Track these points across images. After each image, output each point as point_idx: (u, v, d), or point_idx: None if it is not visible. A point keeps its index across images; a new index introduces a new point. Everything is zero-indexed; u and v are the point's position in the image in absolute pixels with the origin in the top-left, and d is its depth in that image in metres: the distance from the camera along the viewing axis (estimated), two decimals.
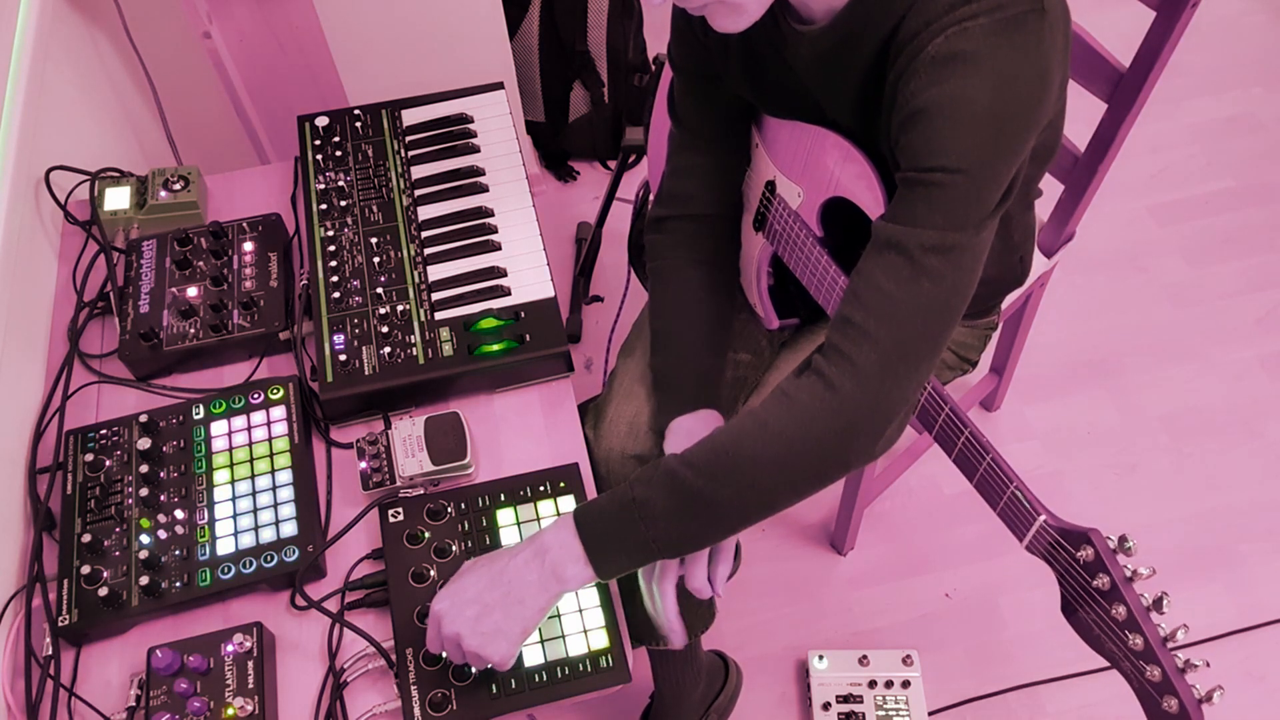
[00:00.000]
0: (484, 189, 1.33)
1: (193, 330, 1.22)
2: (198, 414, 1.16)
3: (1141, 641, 0.85)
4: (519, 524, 1.09)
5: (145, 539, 1.07)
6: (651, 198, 1.53)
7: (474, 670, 0.99)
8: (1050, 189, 1.37)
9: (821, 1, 0.95)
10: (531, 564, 0.95)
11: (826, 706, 1.67)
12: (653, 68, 2.35)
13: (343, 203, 1.31)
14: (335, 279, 1.24)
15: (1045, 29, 0.85)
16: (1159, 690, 0.84)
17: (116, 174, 1.38)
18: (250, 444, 1.14)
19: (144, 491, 1.10)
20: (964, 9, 0.85)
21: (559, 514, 1.09)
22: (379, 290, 1.23)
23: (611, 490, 0.97)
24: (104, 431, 1.15)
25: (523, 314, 1.21)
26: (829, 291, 1.15)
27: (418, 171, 1.35)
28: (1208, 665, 0.85)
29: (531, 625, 0.95)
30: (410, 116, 1.41)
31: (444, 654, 0.97)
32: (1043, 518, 0.92)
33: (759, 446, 0.91)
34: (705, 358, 1.19)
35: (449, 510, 1.09)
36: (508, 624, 0.94)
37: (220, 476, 1.12)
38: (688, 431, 1.12)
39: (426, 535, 1.07)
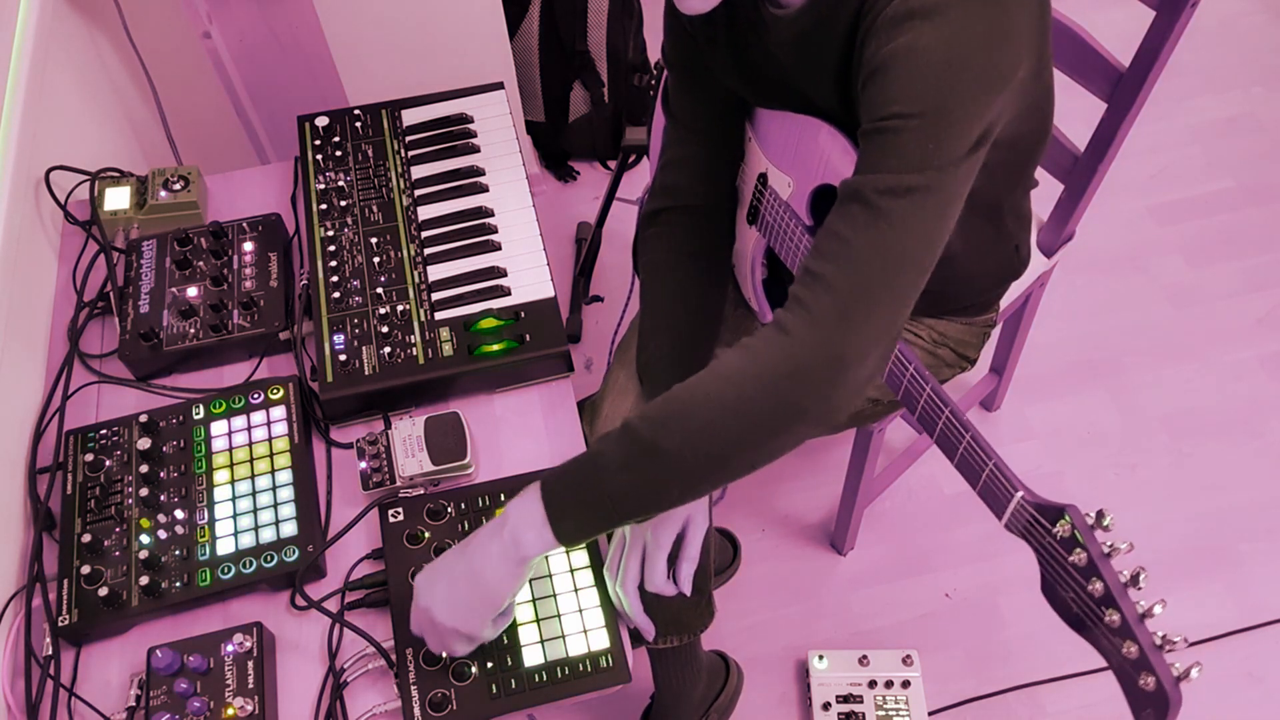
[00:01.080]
0: (484, 189, 1.33)
1: (193, 330, 1.22)
2: (198, 414, 1.16)
3: (1118, 617, 0.83)
4: None
5: (145, 539, 1.07)
6: None
7: (473, 670, 0.99)
8: (1050, 189, 1.37)
9: None
10: (494, 535, 0.93)
11: (826, 706, 1.67)
12: (654, 69, 2.35)
13: (343, 203, 1.31)
14: (335, 279, 1.24)
15: None
16: (1136, 667, 0.83)
17: (116, 174, 1.38)
18: (250, 444, 1.14)
19: (144, 491, 1.10)
20: None
21: None
22: (379, 290, 1.23)
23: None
24: (104, 431, 1.15)
25: (523, 314, 1.21)
26: None
27: (418, 171, 1.35)
28: (1186, 642, 0.84)
29: (499, 599, 0.94)
30: (410, 116, 1.41)
31: (423, 637, 0.97)
32: (1020, 494, 0.92)
33: (710, 391, 0.88)
34: (692, 349, 1.18)
35: (449, 510, 1.09)
36: (473, 598, 0.93)
37: (220, 476, 1.12)
38: None
39: (426, 535, 1.07)
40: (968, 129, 0.87)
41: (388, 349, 1.17)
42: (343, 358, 1.17)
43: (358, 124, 1.40)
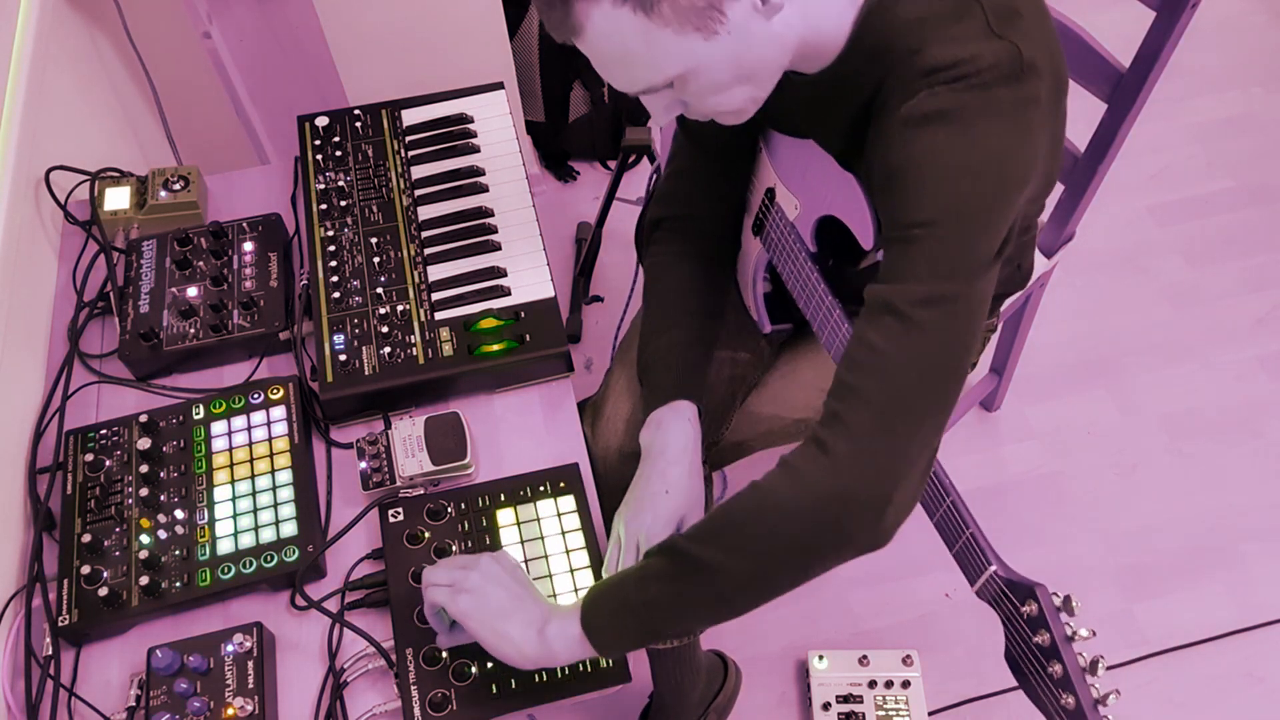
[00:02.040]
0: (484, 189, 1.33)
1: (193, 330, 1.22)
2: (198, 414, 1.16)
3: (1073, 701, 0.87)
4: (519, 524, 1.09)
5: (145, 539, 1.07)
6: None
7: (473, 670, 0.99)
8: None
9: (807, 66, 0.97)
10: (533, 625, 0.94)
11: (826, 706, 1.67)
12: None
13: (343, 203, 1.31)
14: (335, 279, 1.24)
15: (1023, 93, 0.85)
16: None
17: (116, 174, 1.38)
18: (250, 444, 1.14)
19: (144, 491, 1.10)
20: (936, 75, 0.86)
21: (559, 514, 1.09)
22: (379, 290, 1.23)
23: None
24: (104, 431, 1.15)
25: (523, 314, 1.21)
26: (816, 307, 1.16)
27: (418, 171, 1.35)
28: None
29: (511, 659, 0.94)
30: (410, 116, 1.41)
31: (436, 606, 0.96)
32: (993, 568, 0.94)
33: (756, 514, 0.89)
34: (689, 352, 1.18)
35: (449, 510, 1.09)
36: (494, 641, 0.93)
37: (220, 476, 1.12)
38: (658, 423, 1.11)
39: (426, 535, 1.07)
40: (995, 233, 0.88)
41: (388, 349, 1.17)
42: (343, 358, 1.17)
43: (358, 124, 1.40)
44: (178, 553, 1.07)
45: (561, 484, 1.11)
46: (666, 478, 1.07)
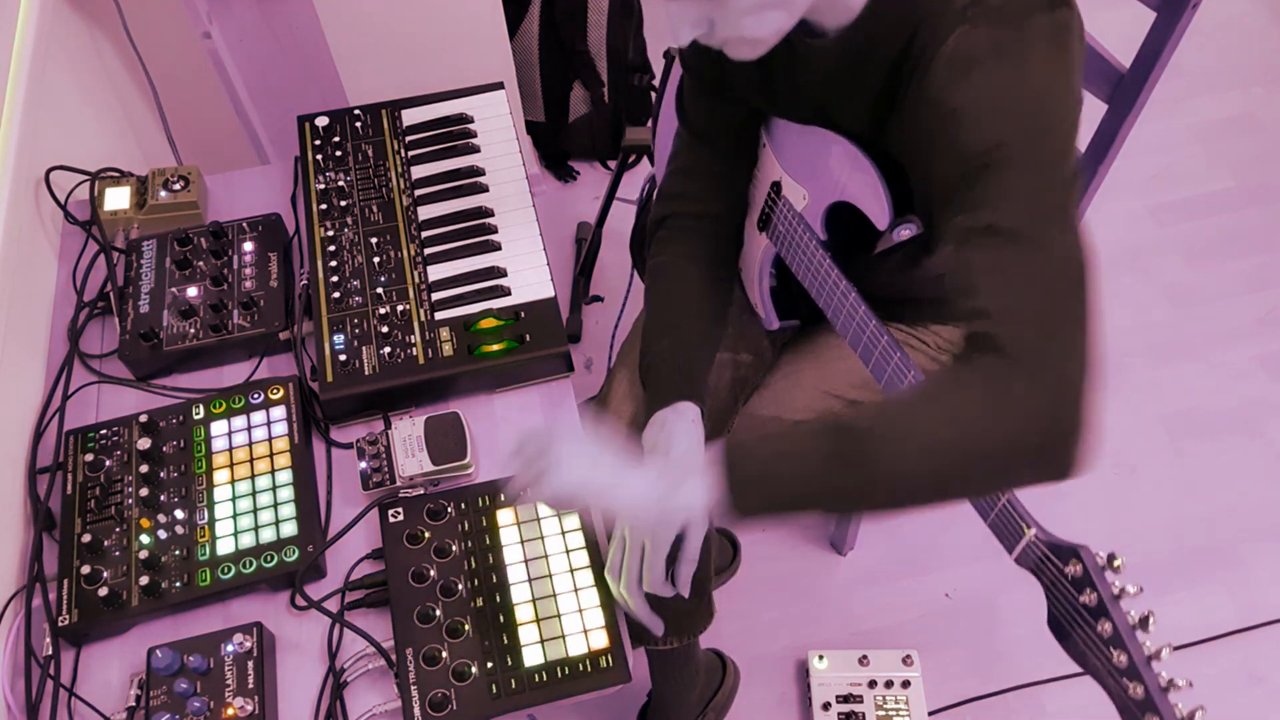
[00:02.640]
0: (484, 189, 1.33)
1: (193, 330, 1.22)
2: (198, 414, 1.16)
3: (1126, 659, 0.85)
4: (519, 524, 1.09)
5: (145, 539, 1.07)
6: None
7: (473, 670, 0.99)
8: None
9: (832, 18, 0.96)
10: (659, 474, 0.92)
11: (826, 706, 1.67)
12: (653, 69, 2.35)
13: (343, 203, 1.31)
14: (335, 279, 1.24)
15: (1059, 21, 0.87)
16: (1141, 708, 0.85)
17: (116, 174, 1.38)
18: (250, 444, 1.14)
19: (144, 491, 1.10)
20: (971, 9, 0.87)
21: (559, 514, 1.09)
22: (379, 290, 1.23)
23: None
24: (104, 431, 1.15)
25: (523, 314, 1.21)
26: (830, 294, 1.15)
27: (418, 171, 1.35)
28: (1190, 685, 0.85)
29: (612, 508, 0.94)
30: (410, 116, 1.41)
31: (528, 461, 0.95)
32: (1033, 531, 0.93)
33: (950, 424, 0.84)
34: (693, 353, 1.17)
35: (449, 510, 1.09)
36: (597, 490, 0.93)
37: (220, 476, 1.12)
38: (662, 423, 1.11)
39: (426, 535, 1.07)
40: (1070, 149, 0.88)
41: (388, 349, 1.17)
42: (343, 358, 1.17)
43: (358, 124, 1.40)
44: (178, 553, 1.07)
45: None
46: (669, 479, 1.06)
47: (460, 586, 1.04)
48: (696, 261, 1.21)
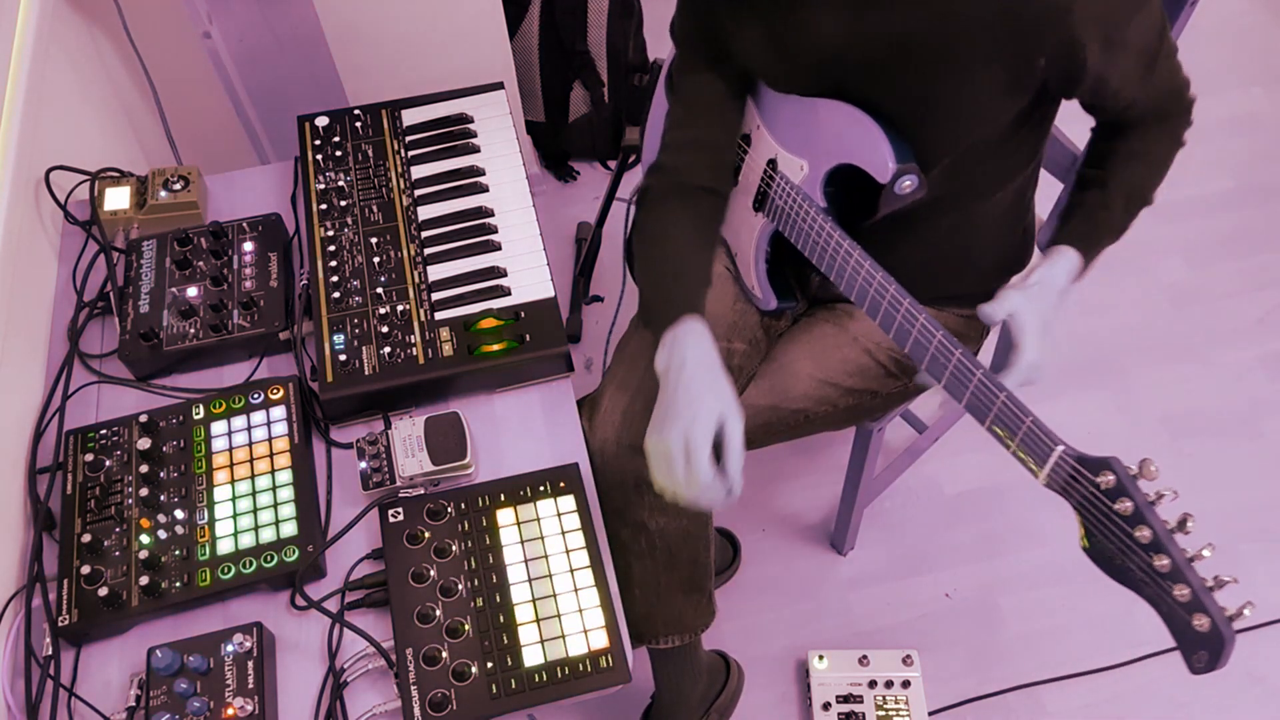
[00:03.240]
0: (484, 189, 1.33)
1: (193, 330, 1.22)
2: (198, 414, 1.16)
3: (1168, 562, 0.84)
4: (519, 524, 1.09)
5: (145, 539, 1.07)
6: None
7: (473, 670, 0.99)
8: (1050, 189, 1.37)
9: None
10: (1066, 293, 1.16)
11: (826, 706, 1.67)
12: (652, 68, 2.35)
13: (343, 203, 1.31)
14: (335, 279, 1.24)
15: None
16: (1188, 609, 0.84)
17: (116, 174, 1.38)
18: (250, 444, 1.14)
19: (144, 491, 1.10)
20: None
21: (559, 514, 1.09)
22: (379, 290, 1.23)
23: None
24: (104, 431, 1.15)
25: (523, 314, 1.21)
26: (833, 256, 1.15)
27: (418, 171, 1.35)
28: (1236, 581, 0.84)
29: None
30: (410, 116, 1.41)
31: None
32: (1061, 448, 0.93)
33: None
34: (690, 278, 1.18)
35: (449, 510, 1.09)
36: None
37: (220, 476, 1.12)
38: (670, 343, 1.10)
39: (426, 535, 1.07)
40: None
41: (388, 349, 1.17)
42: (343, 358, 1.17)
43: (358, 124, 1.40)
44: (178, 553, 1.07)
45: (561, 484, 1.11)
46: (691, 388, 1.05)
47: (460, 586, 1.04)
48: (680, 219, 1.22)
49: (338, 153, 1.36)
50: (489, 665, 1.00)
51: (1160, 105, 1.19)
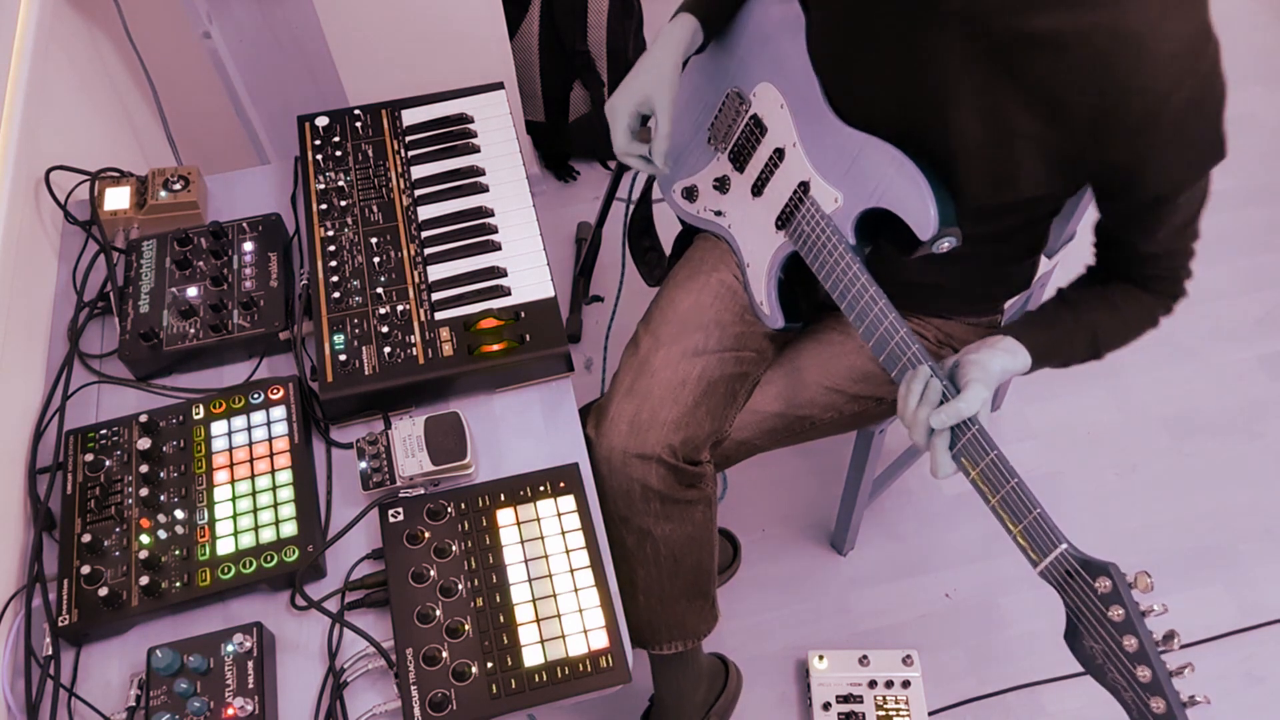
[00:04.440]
0: (484, 189, 1.33)
1: (193, 330, 1.22)
2: (198, 414, 1.16)
3: (1150, 674, 0.87)
4: (519, 524, 1.09)
5: (145, 539, 1.07)
6: (655, 189, 1.53)
7: (473, 670, 0.99)
8: None
9: None
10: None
11: (826, 706, 1.67)
12: None
13: (343, 203, 1.31)
14: (335, 279, 1.24)
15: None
16: None
17: (116, 174, 1.38)
18: (250, 444, 1.14)
19: (144, 491, 1.10)
20: None
21: (559, 514, 1.09)
22: (379, 290, 1.23)
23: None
24: (104, 431, 1.15)
25: (523, 314, 1.21)
26: (855, 298, 1.14)
27: (418, 171, 1.35)
28: (1209, 702, 0.88)
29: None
30: (410, 116, 1.41)
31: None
32: (1064, 546, 0.94)
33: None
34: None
35: (449, 510, 1.09)
36: None
37: (220, 476, 1.12)
38: (662, 31, 1.27)
39: (426, 535, 1.07)
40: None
41: (388, 349, 1.17)
42: (343, 358, 1.17)
43: (358, 124, 1.40)
44: (178, 553, 1.07)
45: (561, 484, 1.11)
46: (637, 71, 1.28)
47: (460, 586, 1.04)
48: None
49: (338, 153, 1.36)
50: (489, 665, 1.00)
51: (1162, 268, 1.20)
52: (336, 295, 1.22)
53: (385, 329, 1.19)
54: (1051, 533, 0.96)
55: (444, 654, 1.00)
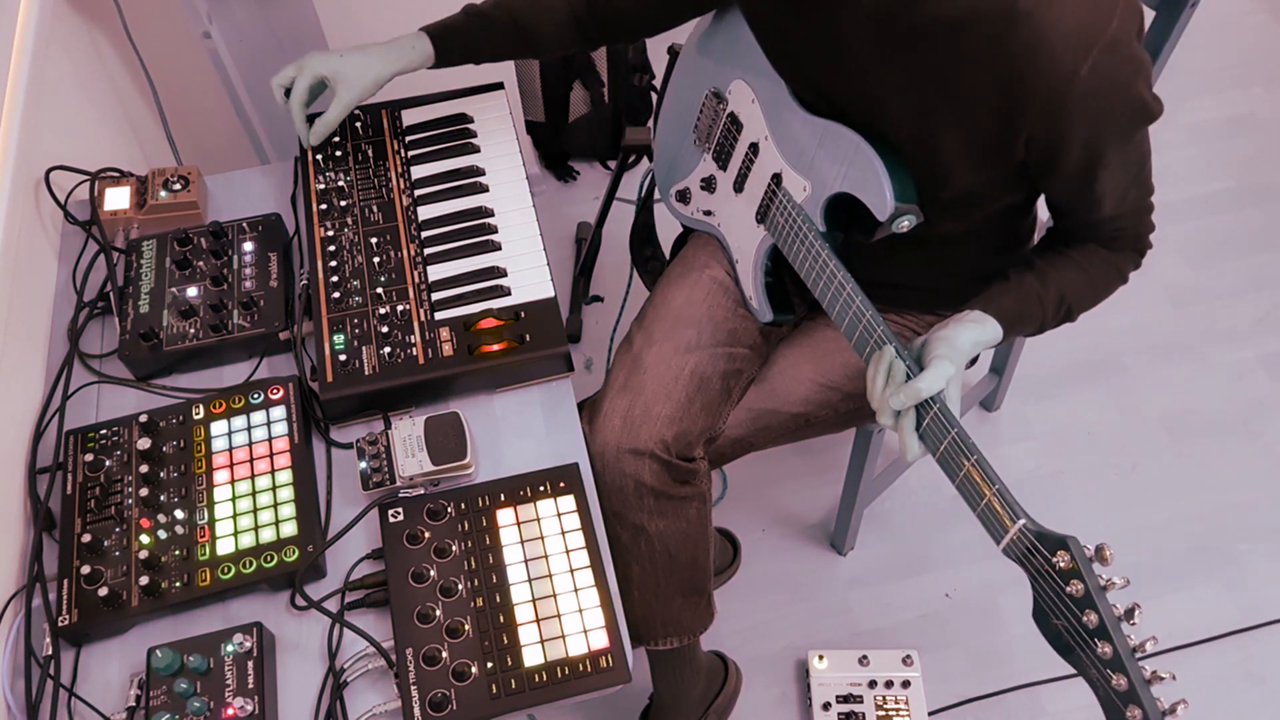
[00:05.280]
0: (484, 189, 1.33)
1: (193, 330, 1.22)
2: (198, 414, 1.16)
3: (1110, 650, 0.86)
4: (519, 524, 1.09)
5: (145, 539, 1.07)
6: (657, 191, 1.53)
7: (473, 670, 0.99)
8: None
9: None
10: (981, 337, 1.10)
11: (826, 706, 1.67)
12: (653, 69, 2.35)
13: (343, 203, 1.31)
14: (335, 279, 1.24)
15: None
16: (1124, 700, 0.86)
17: (116, 174, 1.38)
18: (250, 444, 1.14)
19: (144, 491, 1.10)
20: None
21: (559, 514, 1.09)
22: (379, 290, 1.23)
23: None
24: (104, 431, 1.15)
25: (523, 314, 1.21)
26: (826, 285, 1.16)
27: (418, 171, 1.35)
28: (1174, 678, 0.86)
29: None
30: (410, 116, 1.41)
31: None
32: (1022, 521, 0.93)
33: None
34: (474, 13, 1.34)
35: (449, 510, 1.09)
36: None
37: (220, 476, 1.12)
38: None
39: (426, 535, 1.07)
40: None
41: (388, 349, 1.17)
42: (343, 358, 1.17)
43: (358, 124, 1.40)
44: (178, 553, 1.07)
45: (561, 484, 1.11)
46: (365, 56, 1.32)
47: (460, 586, 1.04)
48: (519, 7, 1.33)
49: (338, 153, 1.36)
50: (489, 665, 1.00)
51: (1118, 228, 1.16)
52: (336, 295, 1.22)
53: (385, 329, 1.19)
54: (1010, 508, 0.95)
55: (444, 654, 1.00)
